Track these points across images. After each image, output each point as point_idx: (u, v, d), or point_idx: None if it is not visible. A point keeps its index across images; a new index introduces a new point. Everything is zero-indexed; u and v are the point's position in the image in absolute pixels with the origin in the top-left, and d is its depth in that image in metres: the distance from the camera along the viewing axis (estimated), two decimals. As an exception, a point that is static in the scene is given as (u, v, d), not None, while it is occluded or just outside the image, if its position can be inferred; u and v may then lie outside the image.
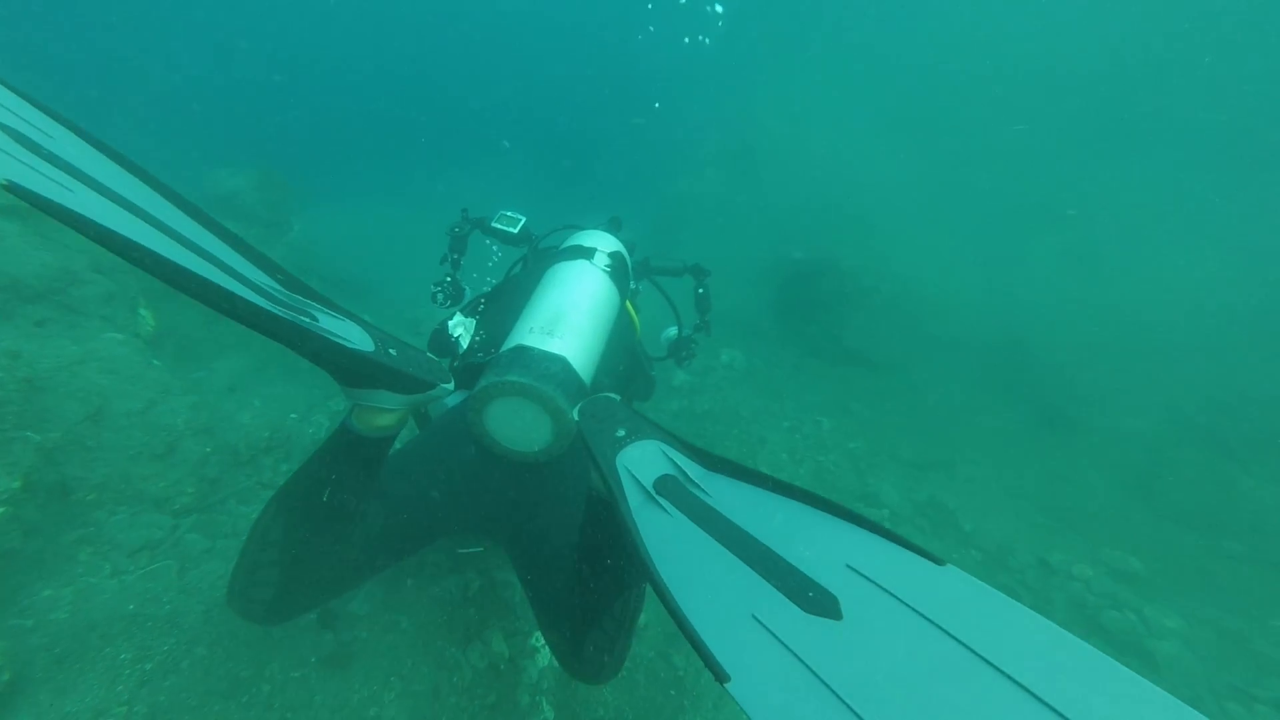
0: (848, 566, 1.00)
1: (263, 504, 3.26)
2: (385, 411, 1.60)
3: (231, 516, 2.97)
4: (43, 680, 1.98)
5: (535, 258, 3.03)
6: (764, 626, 0.90)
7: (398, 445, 2.25)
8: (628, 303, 2.85)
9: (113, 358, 2.90)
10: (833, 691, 0.78)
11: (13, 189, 0.85)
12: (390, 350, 1.56)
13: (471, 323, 2.42)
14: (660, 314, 3.34)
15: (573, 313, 1.94)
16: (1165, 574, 4.29)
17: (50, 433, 2.42)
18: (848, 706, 0.76)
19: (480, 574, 3.15)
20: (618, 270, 2.37)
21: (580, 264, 2.22)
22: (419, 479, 2.00)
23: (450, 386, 1.69)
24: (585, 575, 1.70)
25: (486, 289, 2.92)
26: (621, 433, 1.50)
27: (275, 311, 1.24)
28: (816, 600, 0.93)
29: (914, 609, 0.87)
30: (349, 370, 1.45)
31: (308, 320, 1.36)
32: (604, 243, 2.51)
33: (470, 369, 2.18)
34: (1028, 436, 5.96)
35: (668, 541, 1.16)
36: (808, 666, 0.81)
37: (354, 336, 1.48)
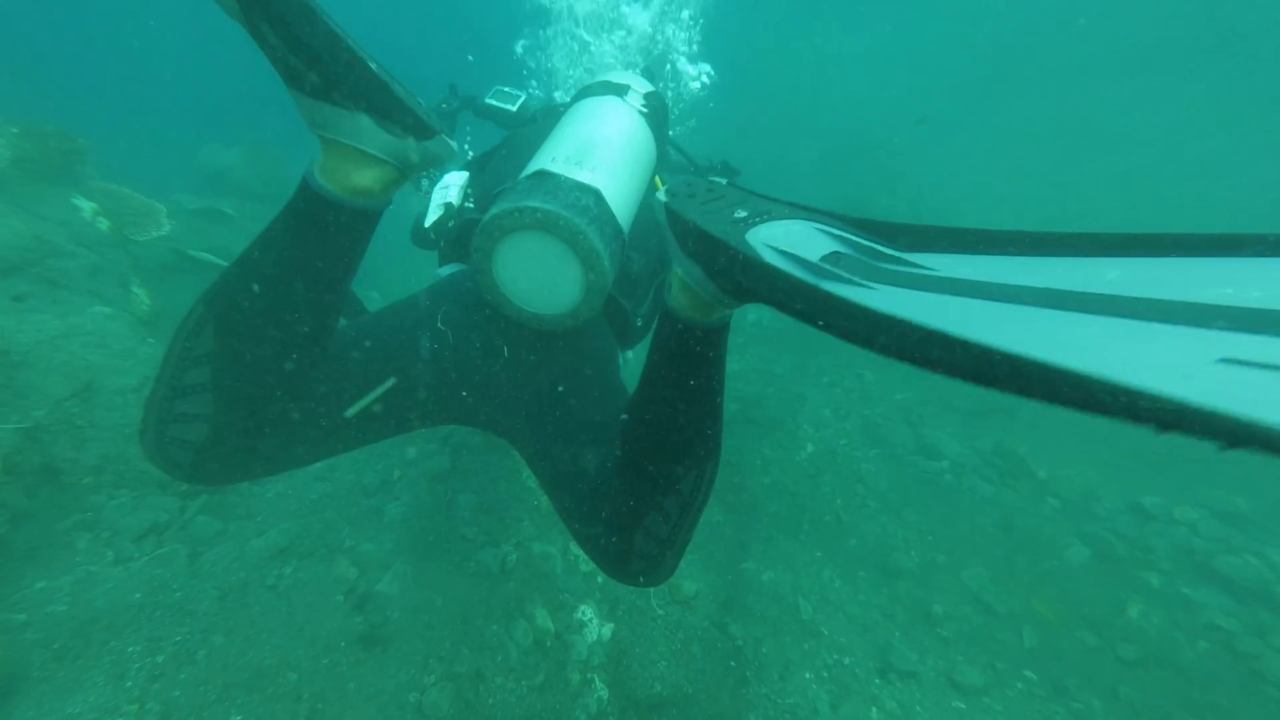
0: None
1: (273, 486, 3.09)
2: (365, 160, 1.11)
3: (245, 497, 2.75)
4: (41, 679, 1.76)
5: (548, 113, 2.51)
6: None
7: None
8: (658, 177, 2.38)
9: (101, 332, 2.65)
10: None
11: None
12: (371, 63, 1.07)
13: (464, 176, 1.94)
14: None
15: (605, 147, 1.49)
16: (1277, 513, 3.92)
17: (33, 411, 2.18)
18: None
19: (517, 546, 2.91)
20: (655, 116, 1.86)
21: (612, 99, 1.74)
22: (403, 341, 1.49)
23: (456, 146, 1.21)
24: (646, 448, 1.27)
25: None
26: (742, 213, 0.98)
27: None
28: None
29: None
30: (312, 60, 0.98)
31: None
32: (639, 83, 1.99)
33: (465, 228, 1.71)
34: None
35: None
36: None
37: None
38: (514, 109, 2.60)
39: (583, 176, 1.36)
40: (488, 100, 2.63)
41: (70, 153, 3.37)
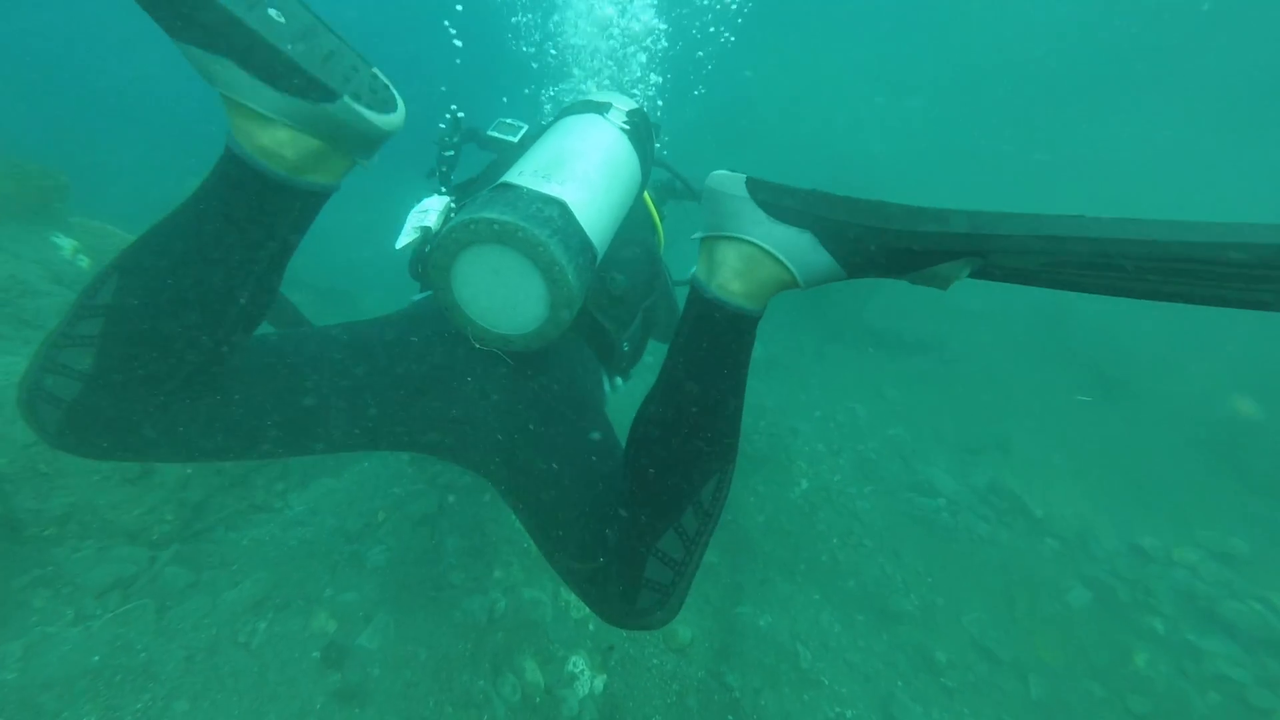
0: None
1: (250, 531, 2.95)
2: (262, 121, 1.02)
3: (220, 545, 2.62)
4: (-16, 758, 1.62)
5: (534, 136, 2.35)
6: None
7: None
8: (647, 196, 2.28)
9: (76, 372, 2.54)
10: None
11: None
12: (271, 10, 0.97)
13: (445, 200, 1.89)
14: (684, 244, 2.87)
15: (578, 161, 1.43)
16: (1273, 555, 3.90)
17: (-2, 458, 2.07)
18: None
19: (506, 592, 2.80)
20: (639, 132, 1.81)
21: (590, 117, 1.69)
22: (342, 358, 1.36)
23: (394, 118, 1.08)
24: (667, 455, 1.15)
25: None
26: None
27: None
28: None
29: None
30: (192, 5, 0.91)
31: None
32: (621, 101, 1.93)
33: None
34: (1084, 408, 5.58)
35: None
36: None
37: None
38: (516, 140, 2.50)
39: (549, 189, 1.30)
40: (490, 132, 2.55)
41: (52, 189, 3.29)
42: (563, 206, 1.28)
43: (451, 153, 2.44)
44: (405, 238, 1.78)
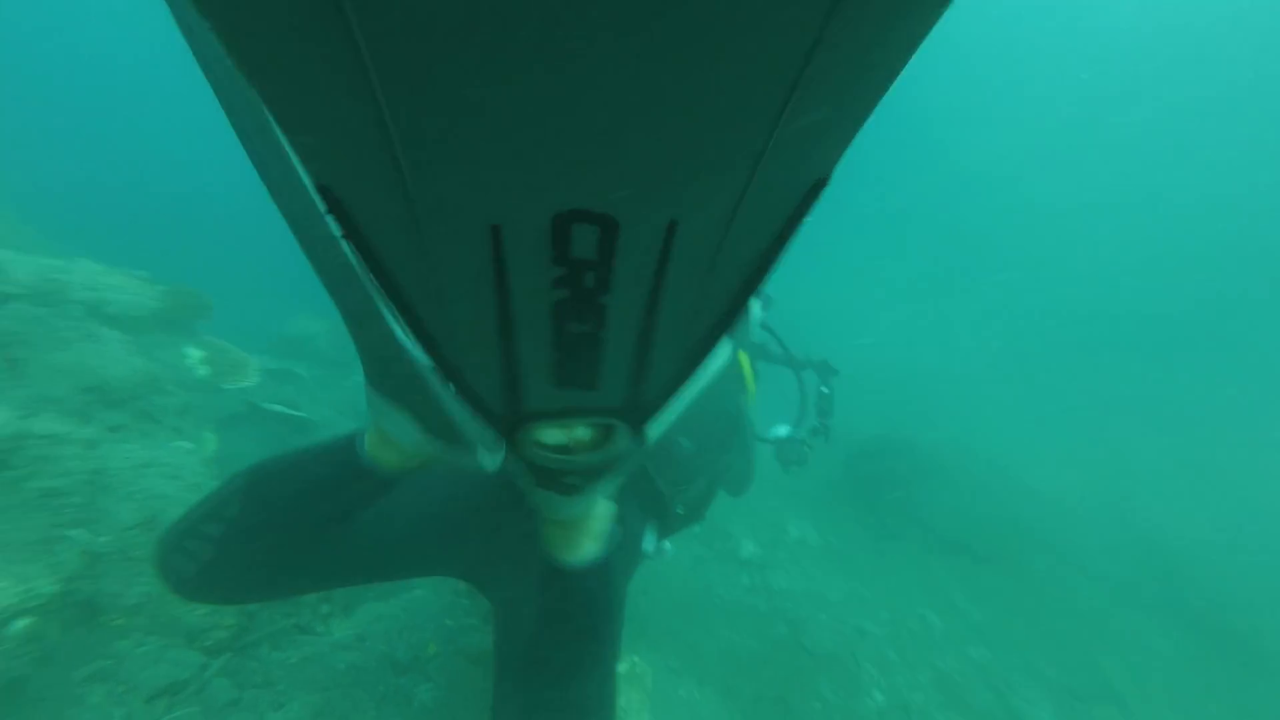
0: None
1: (296, 651, 2.77)
2: (396, 445, 1.26)
3: (264, 664, 2.44)
4: None
5: None
6: None
7: None
8: (741, 353, 2.37)
9: (177, 465, 2.71)
10: None
11: None
12: (450, 384, 1.23)
13: None
14: (771, 399, 2.92)
15: None
16: None
17: (101, 535, 2.11)
18: None
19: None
20: None
21: None
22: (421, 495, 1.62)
23: (494, 460, 1.30)
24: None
25: None
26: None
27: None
28: None
29: None
30: (388, 365, 1.15)
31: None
32: None
33: None
34: (1200, 665, 4.87)
35: None
36: None
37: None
38: None
39: None
40: None
41: (197, 308, 3.90)
42: None
43: None
44: None
